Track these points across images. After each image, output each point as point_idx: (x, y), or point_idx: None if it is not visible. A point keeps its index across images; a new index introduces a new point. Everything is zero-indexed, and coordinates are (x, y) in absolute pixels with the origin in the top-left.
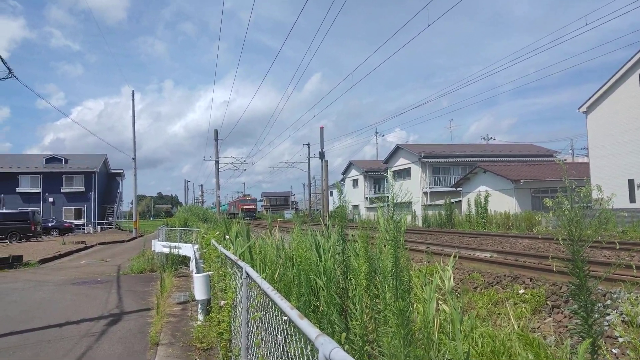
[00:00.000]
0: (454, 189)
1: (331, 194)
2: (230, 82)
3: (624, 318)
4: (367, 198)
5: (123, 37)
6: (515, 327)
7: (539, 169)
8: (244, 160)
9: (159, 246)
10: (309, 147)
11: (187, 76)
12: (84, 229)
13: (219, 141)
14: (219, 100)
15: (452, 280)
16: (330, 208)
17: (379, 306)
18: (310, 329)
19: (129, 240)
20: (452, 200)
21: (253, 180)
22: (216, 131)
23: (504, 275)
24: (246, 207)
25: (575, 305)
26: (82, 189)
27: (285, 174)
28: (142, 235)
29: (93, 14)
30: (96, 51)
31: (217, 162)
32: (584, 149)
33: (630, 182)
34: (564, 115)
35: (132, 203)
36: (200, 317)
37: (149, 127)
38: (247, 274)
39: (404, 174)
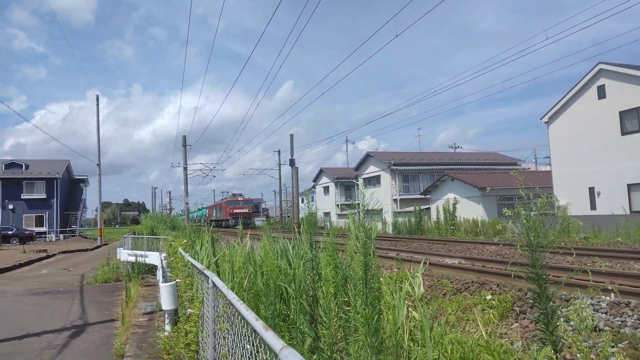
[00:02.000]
0: (423, 196)
1: (302, 201)
2: (201, 87)
3: (571, 325)
4: (338, 205)
5: (90, 40)
6: (483, 333)
7: (504, 177)
8: (213, 167)
9: (125, 255)
10: (279, 154)
11: (156, 81)
12: (45, 237)
13: (187, 147)
14: (189, 107)
15: (421, 287)
16: (302, 215)
17: (348, 314)
18: (274, 341)
19: (93, 249)
20: (422, 207)
21: (223, 187)
22: (184, 137)
23: (472, 282)
24: (238, 210)
25: (537, 313)
26: (43, 196)
27: (256, 180)
28: (107, 244)
29: (58, 16)
30: (61, 54)
31: (185, 168)
32: (547, 157)
33: (591, 190)
34: (528, 125)
35: (96, 210)
36: (168, 327)
37: (115, 133)
38: (214, 283)
39: (374, 181)
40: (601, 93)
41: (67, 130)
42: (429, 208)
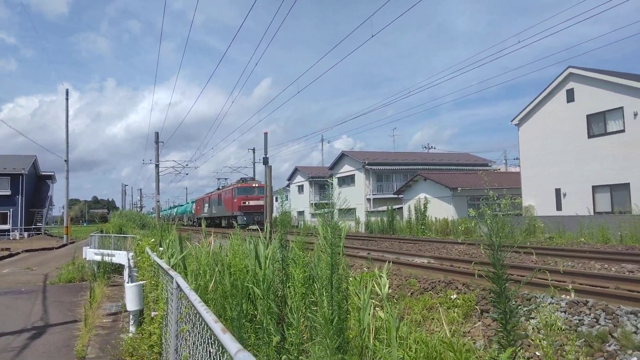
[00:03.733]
0: (396, 196)
1: (276, 200)
2: (177, 83)
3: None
4: (312, 204)
5: (63, 32)
6: (447, 332)
7: (475, 177)
8: (186, 165)
9: (91, 253)
10: (254, 152)
11: (131, 76)
12: (9, 235)
13: (160, 144)
14: (164, 102)
15: (387, 287)
16: (275, 214)
17: (316, 314)
18: (231, 344)
19: (59, 247)
20: (394, 206)
21: (196, 184)
22: (157, 133)
23: (439, 281)
24: (253, 202)
25: (496, 312)
26: (7, 192)
27: (230, 178)
28: (74, 242)
29: (31, 7)
30: (33, 46)
31: (157, 165)
32: (517, 159)
33: (557, 191)
34: (501, 126)
35: (63, 207)
36: (132, 328)
37: (86, 128)
38: (178, 284)
39: (349, 180)
40: (570, 97)
41: (36, 124)
42: (402, 208)
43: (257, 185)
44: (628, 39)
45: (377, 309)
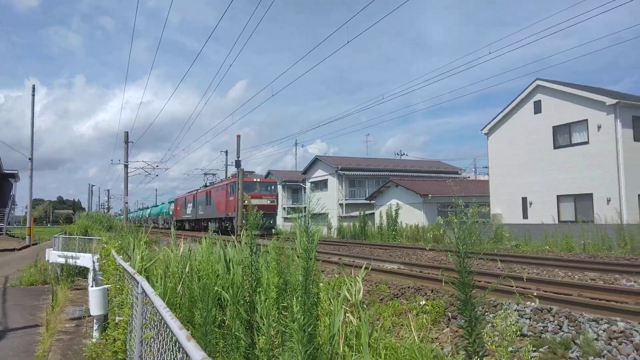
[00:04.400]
0: (369, 202)
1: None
2: (150, 82)
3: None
4: (284, 208)
5: (33, 26)
6: (416, 338)
7: (445, 184)
8: (157, 166)
9: (54, 256)
10: (226, 155)
11: (102, 73)
12: None
13: (130, 144)
14: (136, 101)
15: (361, 292)
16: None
17: (286, 319)
18: (194, 352)
19: (20, 249)
20: (367, 212)
21: (167, 186)
22: (127, 133)
23: (408, 287)
24: (255, 202)
25: (462, 320)
26: None
27: (202, 181)
28: (37, 243)
29: None
30: (1, 39)
31: (126, 166)
32: (486, 167)
33: (524, 200)
34: (471, 135)
35: (26, 207)
36: (96, 334)
37: (53, 125)
38: (143, 289)
39: (322, 185)
40: (537, 108)
41: (1, 120)
42: (374, 213)
43: (259, 180)
44: (596, 52)
45: (347, 314)
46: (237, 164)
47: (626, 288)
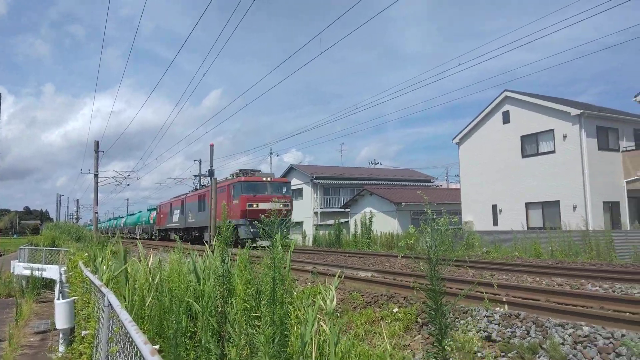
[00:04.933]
0: (343, 210)
1: None
2: (123, 91)
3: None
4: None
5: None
6: (388, 345)
7: (417, 193)
8: (128, 175)
9: (20, 268)
10: (200, 164)
11: (71, 82)
12: None
13: (100, 153)
14: (108, 110)
15: (334, 301)
16: None
17: (258, 330)
18: None
19: None
20: (341, 220)
21: (138, 196)
22: (97, 142)
23: (381, 295)
24: (264, 205)
25: (432, 328)
26: None
27: (175, 190)
28: (2, 255)
29: None
30: None
31: (96, 175)
32: (457, 176)
33: (494, 207)
34: (443, 145)
35: None
36: (62, 348)
37: (20, 134)
38: (110, 302)
39: (297, 194)
40: (506, 118)
41: None
42: (349, 221)
43: (269, 179)
44: (561, 65)
45: (321, 323)
46: (211, 173)
47: (591, 293)
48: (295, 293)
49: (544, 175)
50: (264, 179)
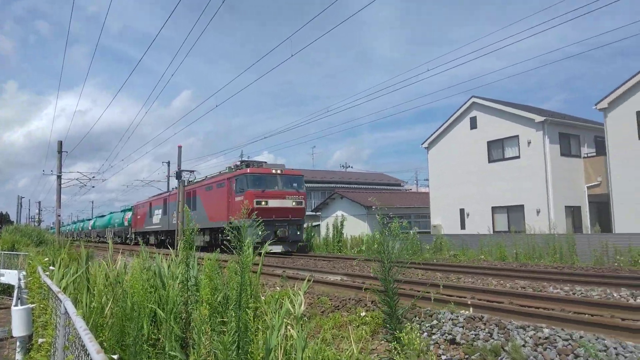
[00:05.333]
0: (315, 213)
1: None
2: (90, 90)
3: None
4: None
5: None
6: (355, 350)
7: (388, 196)
8: (93, 177)
9: None
10: (169, 165)
11: (36, 80)
12: None
13: (64, 154)
14: (73, 109)
15: (302, 306)
16: None
17: (222, 336)
18: None
19: None
20: (313, 223)
21: (104, 198)
22: (60, 142)
23: (349, 299)
24: (276, 203)
25: (388, 334)
26: None
27: (142, 192)
28: None
29: None
30: None
31: (59, 177)
32: (426, 180)
33: (462, 211)
34: (413, 149)
35: None
36: (19, 356)
37: None
38: (66, 309)
39: None
40: (473, 124)
41: None
42: (320, 225)
43: (280, 171)
44: (526, 72)
45: (289, 328)
46: (178, 175)
47: (553, 295)
48: (263, 298)
49: (509, 180)
50: (274, 171)
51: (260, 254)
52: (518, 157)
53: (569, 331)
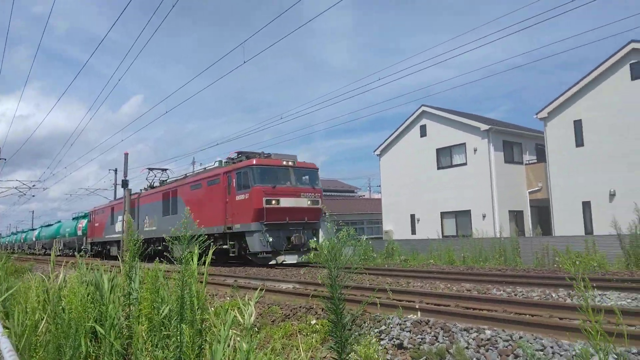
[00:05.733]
0: None
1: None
2: (33, 94)
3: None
4: None
5: None
6: (304, 358)
7: (342, 203)
8: (34, 185)
9: None
10: (115, 173)
11: None
12: None
13: (1, 161)
14: (16, 114)
15: (253, 316)
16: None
17: (167, 351)
18: None
19: None
20: None
21: (46, 207)
22: None
23: (300, 307)
24: (288, 203)
25: (332, 343)
26: None
27: (88, 201)
28: None
29: None
30: None
31: None
32: (379, 186)
33: (412, 217)
34: (366, 156)
35: None
36: None
37: None
38: None
39: None
40: (423, 132)
41: None
42: None
43: (293, 163)
44: (473, 82)
45: (238, 339)
46: (124, 183)
47: (496, 297)
48: (212, 309)
49: (457, 186)
50: (285, 163)
51: (249, 263)
52: (465, 164)
53: (510, 332)
